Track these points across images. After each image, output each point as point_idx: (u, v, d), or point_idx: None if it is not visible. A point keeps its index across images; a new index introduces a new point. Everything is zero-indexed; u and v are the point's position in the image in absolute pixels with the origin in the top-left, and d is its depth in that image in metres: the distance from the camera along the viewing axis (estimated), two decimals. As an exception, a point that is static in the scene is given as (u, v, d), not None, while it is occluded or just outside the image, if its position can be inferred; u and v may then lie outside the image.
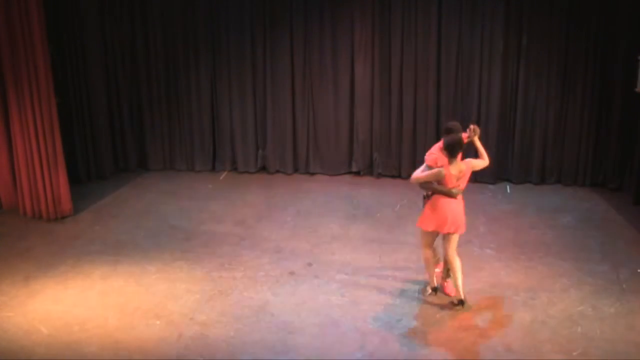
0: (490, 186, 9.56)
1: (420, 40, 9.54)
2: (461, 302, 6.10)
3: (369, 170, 10.19)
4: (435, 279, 6.37)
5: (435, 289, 6.38)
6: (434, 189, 5.94)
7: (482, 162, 6.08)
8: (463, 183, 5.97)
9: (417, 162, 9.82)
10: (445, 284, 6.44)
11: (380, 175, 10.09)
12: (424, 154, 9.66)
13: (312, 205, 8.97)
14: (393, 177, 10.05)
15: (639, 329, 5.81)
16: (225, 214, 8.69)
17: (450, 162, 5.87)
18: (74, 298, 6.48)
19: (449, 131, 6.00)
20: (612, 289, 6.50)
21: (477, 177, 8.85)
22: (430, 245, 6.19)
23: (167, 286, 6.68)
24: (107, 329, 5.92)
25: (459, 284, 6.08)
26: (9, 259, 7.33)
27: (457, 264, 6.05)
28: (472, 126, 6.10)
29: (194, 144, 10.49)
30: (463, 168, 5.90)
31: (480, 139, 6.16)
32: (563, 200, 9.04)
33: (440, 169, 5.87)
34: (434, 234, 6.13)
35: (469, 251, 7.12)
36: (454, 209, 5.94)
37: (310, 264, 7.16)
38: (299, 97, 10.06)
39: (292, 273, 6.96)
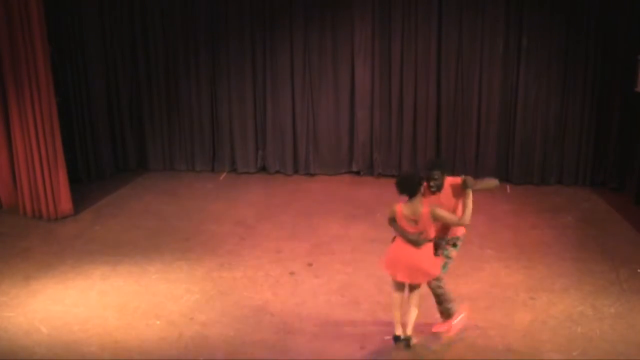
0: (490, 186, 9.55)
1: (420, 40, 9.54)
2: (406, 340, 5.44)
3: (369, 170, 10.19)
4: (399, 326, 5.48)
5: (397, 338, 5.46)
6: (396, 230, 5.30)
7: (456, 219, 5.22)
8: (428, 230, 5.17)
9: (417, 162, 9.85)
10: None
11: (380, 175, 10.09)
12: (424, 154, 9.81)
13: (312, 205, 8.97)
14: (393, 177, 10.01)
15: (639, 329, 5.81)
16: (225, 214, 8.68)
17: (408, 201, 5.17)
18: (74, 298, 6.47)
19: (431, 167, 5.34)
20: (612, 289, 6.50)
21: (478, 176, 8.82)
22: (400, 288, 5.46)
23: (167, 286, 6.68)
24: (107, 328, 5.91)
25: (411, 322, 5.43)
26: (9, 259, 7.33)
27: (413, 314, 5.42)
28: (463, 177, 5.30)
29: (194, 144, 10.49)
30: (420, 212, 5.10)
31: (474, 191, 5.24)
32: (563, 200, 9.04)
33: (394, 205, 5.30)
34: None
35: (469, 251, 7.10)
36: (410, 256, 5.22)
37: (310, 264, 7.16)
38: (298, 97, 10.06)
39: (292, 273, 6.95)
